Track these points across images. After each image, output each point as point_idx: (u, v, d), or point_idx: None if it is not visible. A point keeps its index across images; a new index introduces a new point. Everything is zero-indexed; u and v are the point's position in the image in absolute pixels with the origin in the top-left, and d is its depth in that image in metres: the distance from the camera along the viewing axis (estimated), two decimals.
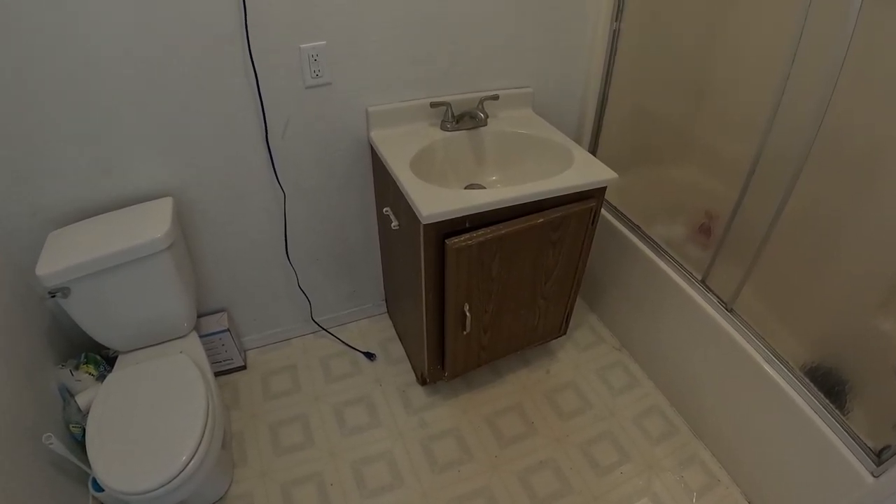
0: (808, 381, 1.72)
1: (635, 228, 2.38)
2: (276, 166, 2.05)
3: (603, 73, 2.37)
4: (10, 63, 1.53)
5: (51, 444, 1.65)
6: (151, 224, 1.78)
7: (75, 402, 1.86)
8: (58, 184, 1.79)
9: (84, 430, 1.85)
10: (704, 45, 1.98)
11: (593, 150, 2.57)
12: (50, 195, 1.80)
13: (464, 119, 2.12)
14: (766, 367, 1.81)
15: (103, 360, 2.06)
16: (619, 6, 2.20)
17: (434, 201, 1.69)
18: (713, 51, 1.95)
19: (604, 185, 1.92)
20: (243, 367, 2.49)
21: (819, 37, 1.48)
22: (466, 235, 1.75)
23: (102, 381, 1.91)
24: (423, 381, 2.39)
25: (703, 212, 2.11)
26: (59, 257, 1.68)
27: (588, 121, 2.52)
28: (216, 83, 1.80)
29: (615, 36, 2.27)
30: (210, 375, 1.93)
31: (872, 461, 1.53)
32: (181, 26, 1.66)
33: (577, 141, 2.58)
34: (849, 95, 1.45)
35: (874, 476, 1.52)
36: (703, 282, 2.07)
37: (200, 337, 2.11)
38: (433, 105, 2.10)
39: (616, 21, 2.23)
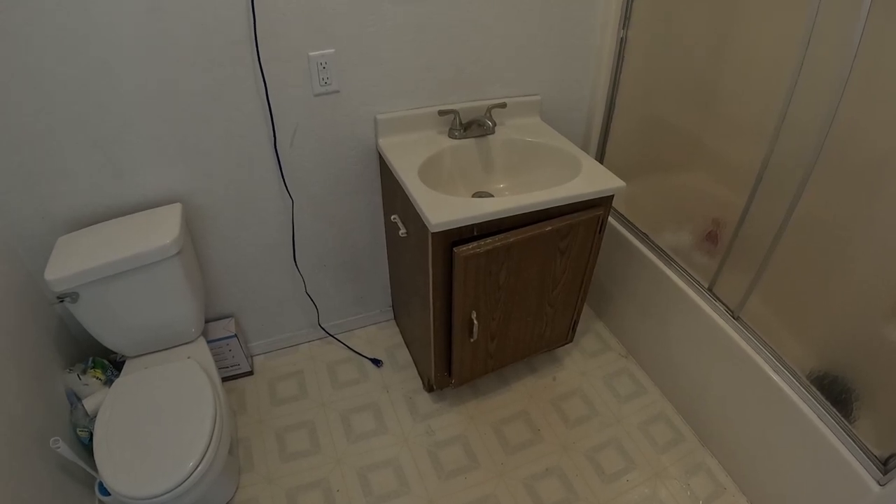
0: (814, 389, 1.72)
1: (642, 236, 2.38)
2: (284, 173, 2.06)
3: (610, 81, 2.37)
4: (24, 68, 1.54)
5: (58, 447, 1.65)
6: (160, 230, 1.79)
7: (83, 406, 1.87)
8: (68, 188, 1.80)
9: (91, 434, 1.87)
10: (711, 52, 1.98)
11: (600, 158, 2.57)
12: (60, 200, 1.81)
13: (471, 127, 2.12)
14: (773, 375, 1.81)
15: (111, 364, 2.08)
16: (626, 14, 2.20)
17: (442, 209, 1.69)
18: (720, 58, 1.95)
19: (611, 194, 1.92)
20: (250, 373, 2.50)
21: (827, 44, 1.48)
22: (475, 243, 1.76)
23: (110, 386, 1.92)
24: (429, 388, 2.40)
25: (710, 219, 2.11)
26: (68, 262, 1.68)
27: (595, 128, 2.53)
28: (225, 90, 1.81)
29: (622, 44, 2.27)
30: (217, 381, 1.94)
31: (879, 469, 1.53)
32: (192, 34, 1.67)
33: (585, 148, 2.59)
34: (857, 102, 1.46)
35: (880, 485, 1.52)
36: (709, 289, 2.07)
37: (208, 342, 2.11)
38: (441, 113, 2.11)
39: (623, 29, 2.24)
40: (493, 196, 2.10)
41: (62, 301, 1.70)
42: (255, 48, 1.76)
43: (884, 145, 1.46)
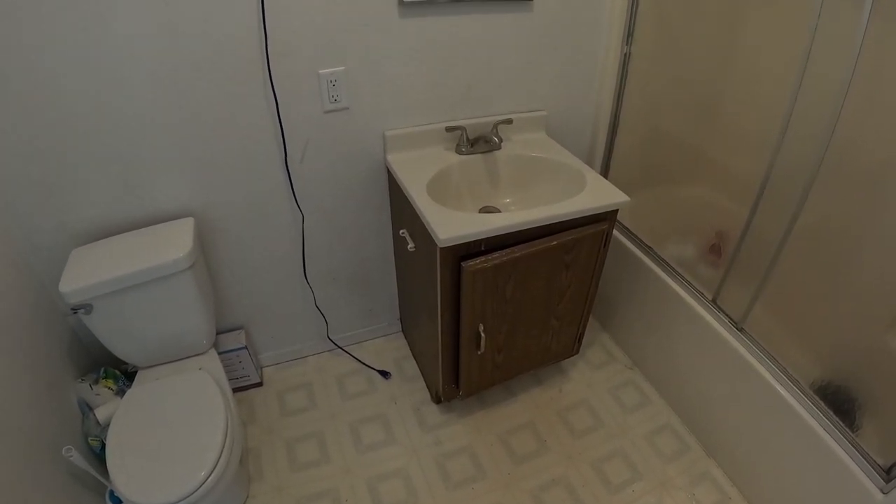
0: (817, 399, 1.73)
1: (647, 249, 2.40)
2: (294, 188, 2.09)
3: (614, 96, 2.40)
4: (43, 83, 1.58)
5: (71, 456, 1.67)
6: (174, 244, 1.82)
7: (94, 415, 1.88)
8: (83, 201, 1.83)
9: (102, 443, 1.89)
10: (713, 67, 2.00)
11: (605, 172, 2.60)
12: (75, 213, 1.84)
13: (478, 143, 2.15)
14: (776, 386, 1.82)
15: (122, 374, 2.10)
16: (629, 30, 2.23)
17: (451, 225, 1.72)
18: (722, 72, 1.97)
19: (616, 208, 1.94)
20: (259, 384, 2.52)
21: (827, 56, 1.50)
22: (482, 258, 1.78)
23: (121, 396, 1.94)
24: (437, 400, 2.42)
25: (713, 231, 2.13)
26: (83, 274, 1.71)
27: (600, 142, 2.55)
28: (238, 107, 1.85)
29: (626, 59, 2.30)
30: (229, 392, 1.96)
31: (881, 477, 1.55)
32: (205, 52, 1.71)
33: (589, 162, 2.62)
34: (857, 113, 1.47)
35: (883, 493, 1.54)
36: (713, 301, 2.08)
37: (218, 354, 2.13)
38: (448, 129, 2.13)
39: (626, 45, 2.27)
40: (499, 211, 2.12)
41: (76, 312, 1.72)
42: (266, 66, 1.80)
43: (885, 155, 1.48)
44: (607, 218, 1.97)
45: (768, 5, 1.75)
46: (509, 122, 2.18)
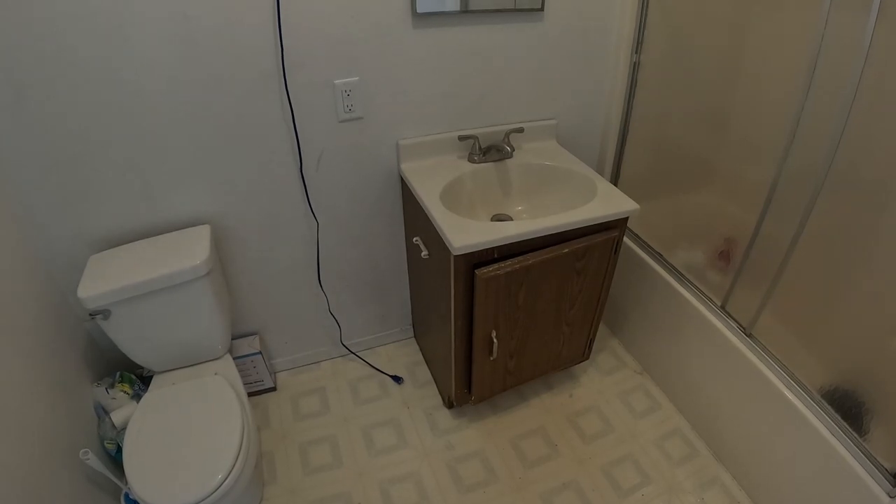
0: (826, 404, 1.74)
1: (656, 255, 2.41)
2: (309, 196, 2.12)
3: (624, 104, 2.42)
4: (64, 92, 1.61)
5: (88, 459, 1.68)
6: (191, 251, 1.84)
7: (110, 419, 1.91)
8: (101, 209, 1.86)
9: (118, 446, 1.91)
10: (722, 74, 2.01)
11: (615, 179, 2.61)
12: (94, 219, 1.87)
13: (490, 151, 2.17)
14: (785, 391, 1.83)
15: (138, 378, 2.11)
16: (638, 39, 2.25)
17: (464, 233, 1.73)
18: (731, 79, 1.98)
19: (626, 216, 1.96)
20: (273, 389, 2.55)
21: (835, 63, 1.51)
22: (495, 265, 1.79)
23: (137, 400, 1.97)
24: (449, 405, 2.44)
25: (722, 238, 2.14)
26: (102, 280, 1.73)
27: (610, 150, 2.56)
28: (254, 117, 1.87)
29: (635, 68, 2.32)
30: (244, 397, 1.98)
31: (889, 482, 1.55)
32: (222, 64, 1.74)
33: (599, 170, 2.63)
34: (865, 119, 1.48)
35: (890, 497, 1.54)
36: (722, 307, 2.09)
37: (233, 359, 2.15)
38: (461, 138, 2.15)
39: (636, 54, 2.28)
40: (511, 218, 2.15)
41: (94, 318, 1.74)
42: (282, 77, 1.83)
43: (892, 161, 1.49)
44: (617, 226, 1.99)
45: (776, 14, 1.77)
46: (521, 130, 2.19)
